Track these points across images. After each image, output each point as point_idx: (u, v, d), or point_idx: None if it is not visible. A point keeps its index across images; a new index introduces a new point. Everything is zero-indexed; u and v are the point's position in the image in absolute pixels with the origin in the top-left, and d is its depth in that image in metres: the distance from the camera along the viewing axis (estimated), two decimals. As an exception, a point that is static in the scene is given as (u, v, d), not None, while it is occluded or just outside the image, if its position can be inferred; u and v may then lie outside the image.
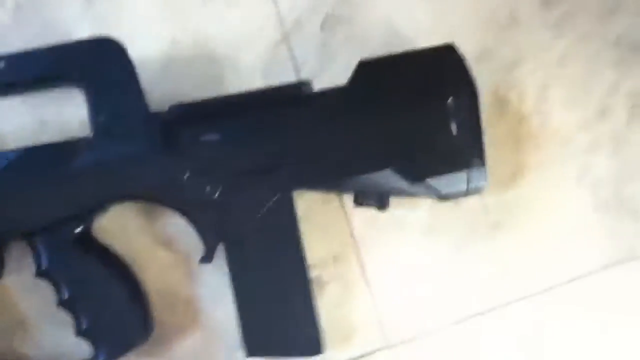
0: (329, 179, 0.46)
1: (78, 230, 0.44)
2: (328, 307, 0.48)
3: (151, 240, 0.48)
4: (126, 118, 0.44)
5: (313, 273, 0.47)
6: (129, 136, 0.44)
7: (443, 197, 0.46)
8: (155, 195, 0.45)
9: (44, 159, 0.44)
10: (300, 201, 0.46)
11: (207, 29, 0.51)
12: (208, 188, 0.44)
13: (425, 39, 0.50)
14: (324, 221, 0.49)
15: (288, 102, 0.46)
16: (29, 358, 0.46)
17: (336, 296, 0.49)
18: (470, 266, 0.50)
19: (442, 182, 0.45)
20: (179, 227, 0.47)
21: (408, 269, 0.50)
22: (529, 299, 0.50)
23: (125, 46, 0.44)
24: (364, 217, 0.49)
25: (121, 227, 0.48)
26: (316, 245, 0.48)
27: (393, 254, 0.50)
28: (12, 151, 0.44)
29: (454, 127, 0.45)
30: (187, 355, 0.48)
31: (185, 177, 0.44)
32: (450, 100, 0.45)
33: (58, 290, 0.43)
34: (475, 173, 0.45)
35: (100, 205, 0.44)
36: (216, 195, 0.44)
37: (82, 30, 0.49)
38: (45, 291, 0.44)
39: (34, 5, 0.49)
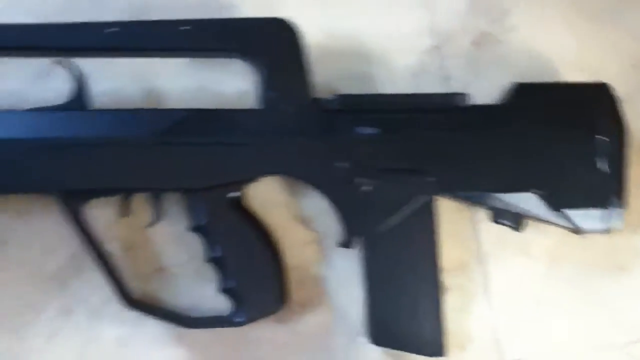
0: (474, 191, 0.47)
1: (234, 194, 0.46)
2: (447, 313, 0.48)
3: (291, 216, 0.50)
4: (293, 98, 0.46)
5: (437, 277, 0.48)
6: (294, 116, 0.46)
7: (577, 230, 0.47)
8: (308, 176, 0.47)
9: (212, 122, 0.46)
10: (434, 206, 0.48)
11: (363, 26, 0.53)
12: (358, 179, 0.46)
13: (571, 72, 0.52)
14: (454, 230, 0.51)
15: (444, 110, 0.47)
16: (163, 303, 0.48)
17: (456, 304, 0.50)
18: (589, 302, 0.51)
19: (580, 216, 0.47)
20: (318, 207, 0.49)
21: (529, 291, 0.51)
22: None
23: (300, 30, 0.46)
24: (492, 232, 0.51)
25: (265, 198, 0.50)
26: (444, 251, 0.49)
27: (516, 274, 0.51)
28: (181, 110, 0.46)
29: (599, 164, 0.47)
30: (310, 331, 0.50)
31: (337, 164, 0.46)
32: (599, 136, 0.47)
33: (209, 247, 0.46)
34: (613, 212, 0.47)
35: (257, 175, 0.46)
36: (364, 187, 0.46)
37: (245, 6, 0.51)
38: (192, 245, 0.47)
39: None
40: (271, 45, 0.46)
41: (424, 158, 0.47)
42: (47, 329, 0.48)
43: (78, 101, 0.45)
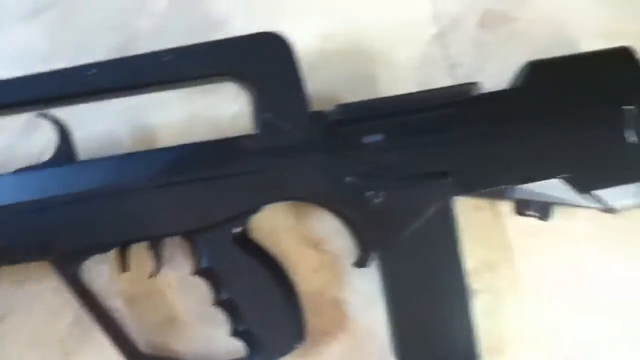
0: (495, 186, 0.44)
1: (237, 230, 0.43)
2: (479, 317, 0.44)
3: (300, 241, 0.47)
4: (291, 116, 0.43)
5: (465, 281, 0.45)
6: (293, 135, 0.42)
7: (610, 210, 0.43)
8: (315, 196, 0.43)
9: (207, 156, 0.42)
10: (453, 206, 0.44)
11: (360, 23, 0.49)
12: (369, 192, 0.43)
13: (593, 40, 0.47)
14: (477, 228, 0.47)
15: (455, 104, 0.44)
16: (180, 354, 0.46)
17: (488, 306, 0.46)
18: (632, 284, 0.47)
19: (612, 194, 0.43)
20: (328, 228, 0.46)
21: (566, 281, 0.47)
22: None
23: (290, 42, 0.43)
24: (520, 225, 0.47)
25: (271, 226, 0.47)
26: (468, 252, 0.45)
27: (550, 265, 0.47)
28: (171, 148, 0.43)
29: (629, 136, 0.43)
30: (336, 358, 0.46)
31: (346, 179, 0.43)
32: (626, 107, 0.43)
33: (216, 290, 0.43)
34: None
35: (260, 205, 0.43)
36: (377, 200, 0.43)
37: (236, 21, 0.49)
38: (198, 288, 0.44)
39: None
40: (260, 63, 0.43)
41: (438, 159, 0.43)
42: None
43: (63, 154, 0.42)
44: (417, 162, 0.43)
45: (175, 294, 0.46)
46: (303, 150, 0.42)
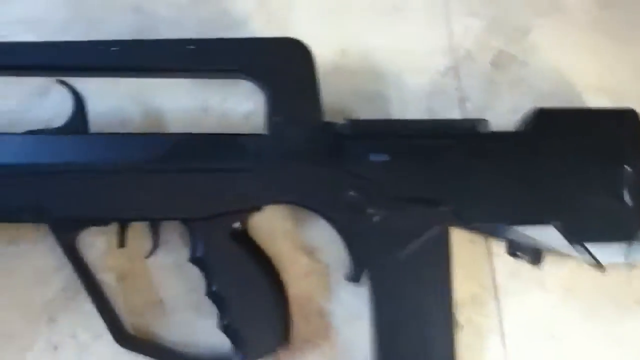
0: (491, 223, 0.45)
1: (236, 225, 0.43)
2: (459, 350, 0.45)
3: (295, 246, 0.48)
4: (302, 123, 0.44)
5: (450, 312, 0.45)
6: (302, 141, 0.43)
7: (597, 265, 0.45)
8: (316, 204, 0.44)
9: (214, 148, 0.43)
10: (446, 235, 0.45)
11: (377, 44, 0.51)
12: (370, 209, 0.44)
13: (593, 94, 0.50)
14: (468, 261, 0.48)
15: (463, 137, 0.45)
16: (157, 338, 0.46)
17: (469, 340, 0.47)
18: (606, 338, 0.48)
19: (601, 249, 0.44)
20: (324, 237, 0.47)
21: (543, 326, 0.48)
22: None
23: (312, 50, 0.44)
24: (507, 264, 0.48)
25: (269, 228, 0.47)
26: (457, 284, 0.46)
27: (531, 308, 0.48)
28: (182, 134, 0.44)
29: (626, 196, 0.44)
30: (314, 368, 0.47)
31: (349, 193, 0.43)
32: (627, 166, 0.44)
33: (209, 280, 0.43)
34: (636, 247, 0.44)
35: (261, 204, 0.44)
36: (376, 218, 0.44)
37: (254, 24, 0.50)
38: (189, 276, 0.45)
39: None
40: (279, 66, 0.44)
41: (439, 187, 0.44)
42: (32, 366, 0.45)
43: (76, 123, 0.42)
44: (419, 187, 0.44)
45: (167, 278, 0.46)
46: (308, 158, 0.43)
